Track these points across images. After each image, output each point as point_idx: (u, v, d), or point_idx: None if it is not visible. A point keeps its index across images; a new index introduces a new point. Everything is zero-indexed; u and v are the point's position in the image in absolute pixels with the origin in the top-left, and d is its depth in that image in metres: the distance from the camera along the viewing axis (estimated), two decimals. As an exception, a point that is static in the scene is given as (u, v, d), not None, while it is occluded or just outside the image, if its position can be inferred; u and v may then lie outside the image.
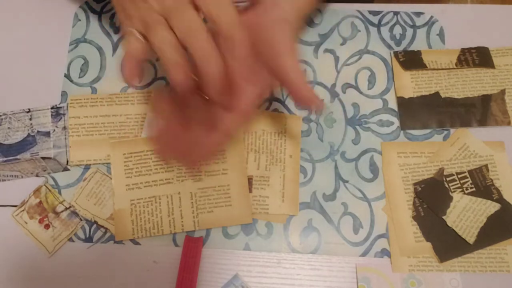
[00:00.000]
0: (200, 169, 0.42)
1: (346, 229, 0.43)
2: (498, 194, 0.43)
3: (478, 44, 0.48)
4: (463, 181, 0.43)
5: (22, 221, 0.43)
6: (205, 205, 0.43)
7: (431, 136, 0.45)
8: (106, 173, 0.45)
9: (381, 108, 0.47)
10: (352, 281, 0.41)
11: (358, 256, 0.42)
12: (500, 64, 0.47)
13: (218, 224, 0.43)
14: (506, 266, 0.41)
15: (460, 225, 0.42)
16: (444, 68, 0.47)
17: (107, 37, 0.50)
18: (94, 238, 0.43)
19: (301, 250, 0.42)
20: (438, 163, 0.44)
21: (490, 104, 0.46)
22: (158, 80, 0.48)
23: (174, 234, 0.43)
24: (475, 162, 0.44)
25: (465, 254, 0.41)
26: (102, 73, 0.49)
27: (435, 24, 0.49)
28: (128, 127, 0.46)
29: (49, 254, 0.42)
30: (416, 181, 0.44)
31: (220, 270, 0.42)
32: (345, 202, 0.44)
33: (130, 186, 0.44)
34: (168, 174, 0.44)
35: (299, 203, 0.44)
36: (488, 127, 0.45)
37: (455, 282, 0.40)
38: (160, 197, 0.44)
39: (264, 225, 0.43)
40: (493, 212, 0.42)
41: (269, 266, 0.42)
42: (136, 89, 0.48)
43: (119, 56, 0.49)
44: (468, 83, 0.47)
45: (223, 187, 0.44)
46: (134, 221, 0.43)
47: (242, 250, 0.42)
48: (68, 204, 0.44)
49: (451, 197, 0.43)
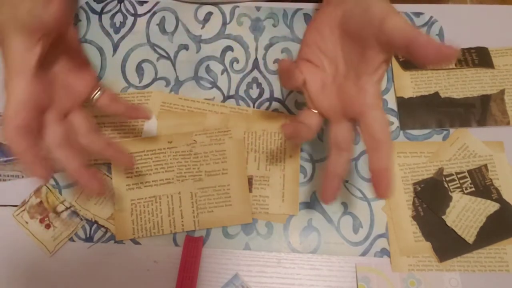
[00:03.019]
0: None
1: (346, 228, 0.43)
2: (497, 193, 0.43)
3: (478, 44, 0.48)
4: (462, 181, 0.43)
5: (22, 221, 0.43)
6: (205, 205, 0.44)
7: (431, 136, 0.46)
8: (107, 173, 0.45)
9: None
10: (352, 281, 0.41)
11: (357, 255, 0.42)
12: (500, 64, 0.47)
13: (218, 223, 0.43)
14: (506, 266, 0.41)
15: (460, 225, 0.42)
16: (443, 68, 0.47)
17: (108, 38, 0.50)
18: (94, 237, 0.43)
19: (301, 249, 0.42)
20: (438, 163, 0.44)
21: (490, 104, 0.46)
22: (158, 80, 0.48)
23: (174, 234, 0.43)
24: (475, 162, 0.44)
25: (464, 254, 0.41)
26: (102, 73, 0.49)
27: (434, 24, 0.49)
28: (128, 127, 0.46)
29: (50, 253, 0.43)
30: (416, 181, 0.44)
31: (220, 269, 0.42)
32: (345, 202, 0.44)
33: (131, 186, 0.44)
34: (168, 174, 0.44)
35: (299, 203, 0.44)
36: (487, 127, 0.45)
37: (455, 282, 0.40)
38: (161, 197, 0.44)
39: (264, 225, 0.43)
40: (492, 211, 0.42)
41: (269, 265, 0.42)
42: (136, 89, 0.48)
43: (120, 56, 0.49)
44: (468, 83, 0.47)
45: (223, 187, 0.44)
46: (134, 221, 0.43)
47: (242, 250, 0.43)
48: (68, 204, 0.44)
49: (450, 197, 0.43)
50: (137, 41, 0.50)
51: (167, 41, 0.50)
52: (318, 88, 0.36)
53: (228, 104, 0.47)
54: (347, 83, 0.34)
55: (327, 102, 0.36)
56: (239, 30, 0.50)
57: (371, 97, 0.32)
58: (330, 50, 0.35)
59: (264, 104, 0.47)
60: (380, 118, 0.32)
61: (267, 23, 0.50)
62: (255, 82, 0.48)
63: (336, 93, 0.35)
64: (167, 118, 0.46)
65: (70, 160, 0.36)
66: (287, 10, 0.50)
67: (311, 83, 0.36)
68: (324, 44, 0.35)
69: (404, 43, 0.28)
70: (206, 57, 0.49)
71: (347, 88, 0.34)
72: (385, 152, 0.31)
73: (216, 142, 0.45)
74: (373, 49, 0.31)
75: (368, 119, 0.32)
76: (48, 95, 0.36)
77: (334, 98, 0.35)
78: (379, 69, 0.32)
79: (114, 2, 0.51)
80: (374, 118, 0.32)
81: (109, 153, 0.39)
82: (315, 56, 0.36)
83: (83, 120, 0.38)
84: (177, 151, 0.45)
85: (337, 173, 0.35)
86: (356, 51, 0.33)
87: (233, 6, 0.51)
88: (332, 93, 0.35)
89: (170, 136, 0.45)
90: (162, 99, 0.47)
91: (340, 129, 0.35)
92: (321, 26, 0.36)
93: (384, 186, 0.31)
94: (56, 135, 0.36)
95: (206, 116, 0.46)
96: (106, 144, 0.39)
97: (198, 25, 0.50)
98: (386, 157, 0.31)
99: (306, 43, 0.37)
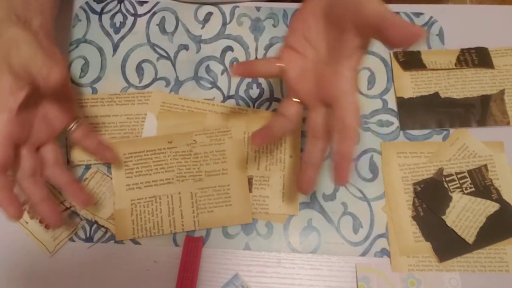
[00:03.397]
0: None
1: (346, 229, 0.43)
2: (497, 194, 0.43)
3: (478, 44, 0.48)
4: (462, 181, 0.43)
5: (22, 221, 0.43)
6: (205, 205, 0.44)
7: (431, 136, 0.46)
8: (107, 173, 0.45)
9: (381, 108, 0.47)
10: (352, 281, 0.41)
11: (357, 255, 0.42)
12: (500, 65, 0.47)
13: (218, 224, 0.43)
14: (506, 266, 0.41)
15: (460, 225, 0.42)
16: (443, 69, 0.47)
17: (108, 37, 0.50)
18: (94, 237, 0.43)
19: (301, 249, 0.42)
20: (438, 163, 0.44)
21: (490, 104, 0.46)
22: (158, 80, 0.48)
23: (174, 234, 0.43)
24: (475, 162, 0.44)
25: (464, 254, 0.41)
26: (102, 73, 0.49)
27: (434, 24, 0.49)
28: (128, 127, 0.46)
29: (50, 254, 0.43)
30: (416, 181, 0.44)
31: (220, 269, 0.42)
32: (345, 202, 0.44)
33: (131, 186, 0.44)
34: (168, 174, 0.44)
35: (299, 203, 0.44)
36: (487, 127, 0.45)
37: (455, 282, 0.40)
38: (161, 197, 0.44)
39: (264, 225, 0.43)
40: (492, 212, 0.42)
41: (269, 265, 0.42)
42: (136, 89, 0.48)
43: (120, 56, 0.49)
44: (468, 83, 0.47)
45: (223, 187, 0.44)
46: (134, 221, 0.43)
47: (242, 250, 0.43)
48: (69, 204, 0.44)
49: (450, 197, 0.43)
50: (137, 41, 0.50)
51: (167, 41, 0.50)
52: (297, 74, 0.36)
53: (228, 104, 0.47)
54: (326, 68, 0.34)
55: (306, 88, 0.36)
56: (239, 30, 0.50)
57: (347, 82, 0.33)
58: (313, 38, 0.36)
59: (264, 104, 0.47)
60: (352, 103, 0.32)
61: (267, 23, 0.50)
62: (255, 82, 0.48)
63: (314, 79, 0.35)
64: (167, 118, 0.46)
65: (36, 192, 0.37)
66: (287, 10, 0.50)
67: (290, 70, 0.37)
68: (308, 32, 0.36)
69: (377, 23, 0.29)
70: (206, 57, 0.49)
71: (325, 73, 0.34)
72: (352, 138, 0.32)
73: (216, 142, 0.45)
74: (350, 32, 0.31)
75: (341, 103, 0.32)
76: (27, 130, 0.37)
77: (312, 83, 0.35)
78: (355, 53, 0.32)
79: (114, 2, 0.51)
80: (346, 103, 0.32)
81: (68, 189, 0.40)
82: (299, 44, 0.36)
83: (53, 153, 0.40)
84: (177, 151, 0.45)
85: (312, 163, 0.36)
86: (336, 37, 0.33)
87: (233, 6, 0.51)
88: (310, 79, 0.36)
89: (170, 136, 0.45)
90: (162, 99, 0.47)
91: (316, 116, 0.36)
92: (307, 15, 0.36)
93: (344, 172, 0.32)
94: (27, 167, 0.37)
95: (206, 116, 0.46)
96: (67, 181, 0.40)
97: (198, 25, 0.50)
98: (352, 143, 0.32)
99: (292, 31, 0.37)
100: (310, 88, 0.36)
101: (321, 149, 0.36)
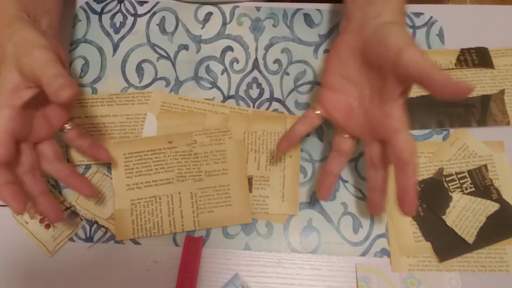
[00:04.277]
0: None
1: (346, 229, 0.43)
2: (497, 194, 0.43)
3: (478, 44, 0.48)
4: (462, 181, 0.43)
5: (22, 221, 0.43)
6: (205, 205, 0.44)
7: (431, 136, 0.46)
8: (107, 173, 0.45)
9: (381, 108, 0.47)
10: (351, 281, 0.41)
11: (357, 255, 0.42)
12: (500, 65, 0.47)
13: (218, 224, 0.43)
14: (506, 266, 0.41)
15: (460, 225, 0.42)
16: (443, 68, 0.47)
17: (108, 38, 0.50)
18: (94, 237, 0.43)
19: (301, 250, 0.42)
20: (438, 163, 0.44)
21: (490, 104, 0.46)
22: (158, 80, 0.48)
23: (174, 234, 0.43)
24: (475, 162, 0.44)
25: (464, 254, 0.41)
26: (102, 73, 0.49)
27: (434, 24, 0.49)
28: (128, 127, 0.46)
29: (50, 254, 0.43)
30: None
31: (220, 269, 0.42)
32: (345, 202, 0.44)
33: (131, 186, 0.44)
34: (168, 174, 0.44)
35: (299, 203, 0.44)
36: (487, 127, 0.45)
37: (455, 282, 0.40)
38: (161, 197, 0.44)
39: (264, 225, 0.43)
40: (492, 212, 0.42)
41: (269, 265, 0.42)
42: (136, 89, 0.48)
43: (120, 56, 0.49)
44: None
45: (223, 187, 0.44)
46: (134, 221, 0.43)
47: (242, 250, 0.43)
48: (68, 204, 0.44)
49: (450, 197, 0.43)
50: (137, 41, 0.50)
51: (167, 41, 0.50)
52: (344, 114, 0.37)
53: (228, 104, 0.47)
54: (373, 107, 0.35)
55: (355, 125, 0.37)
56: (239, 30, 0.50)
57: (397, 121, 0.33)
58: (353, 76, 0.36)
59: (264, 104, 0.47)
60: (407, 140, 0.33)
61: (267, 23, 0.50)
62: (255, 82, 0.48)
63: (364, 117, 0.36)
64: (167, 118, 0.46)
65: (35, 186, 0.38)
66: (287, 10, 0.50)
67: (335, 112, 0.38)
68: (347, 71, 0.36)
69: (420, 78, 0.29)
70: (206, 57, 0.49)
71: (374, 113, 0.35)
72: (411, 171, 0.32)
73: (216, 142, 0.45)
74: (392, 80, 0.32)
75: (395, 141, 0.33)
76: (28, 127, 0.38)
77: (361, 120, 0.36)
78: (401, 97, 0.33)
79: (114, 2, 0.51)
80: (401, 140, 0.33)
81: (70, 181, 0.40)
82: (339, 83, 0.37)
83: (52, 148, 0.40)
84: (177, 151, 0.45)
85: (378, 189, 0.38)
86: (378, 79, 0.34)
87: (233, 6, 0.51)
88: (360, 117, 0.36)
89: (170, 136, 0.45)
90: (162, 99, 0.47)
91: (371, 150, 0.37)
92: (342, 54, 0.37)
93: (409, 204, 0.33)
94: (27, 162, 0.38)
95: (206, 116, 0.46)
96: (69, 173, 0.40)
97: (198, 25, 0.50)
98: (412, 176, 0.32)
99: (328, 71, 0.38)
100: (360, 125, 0.36)
101: (383, 176, 0.37)
